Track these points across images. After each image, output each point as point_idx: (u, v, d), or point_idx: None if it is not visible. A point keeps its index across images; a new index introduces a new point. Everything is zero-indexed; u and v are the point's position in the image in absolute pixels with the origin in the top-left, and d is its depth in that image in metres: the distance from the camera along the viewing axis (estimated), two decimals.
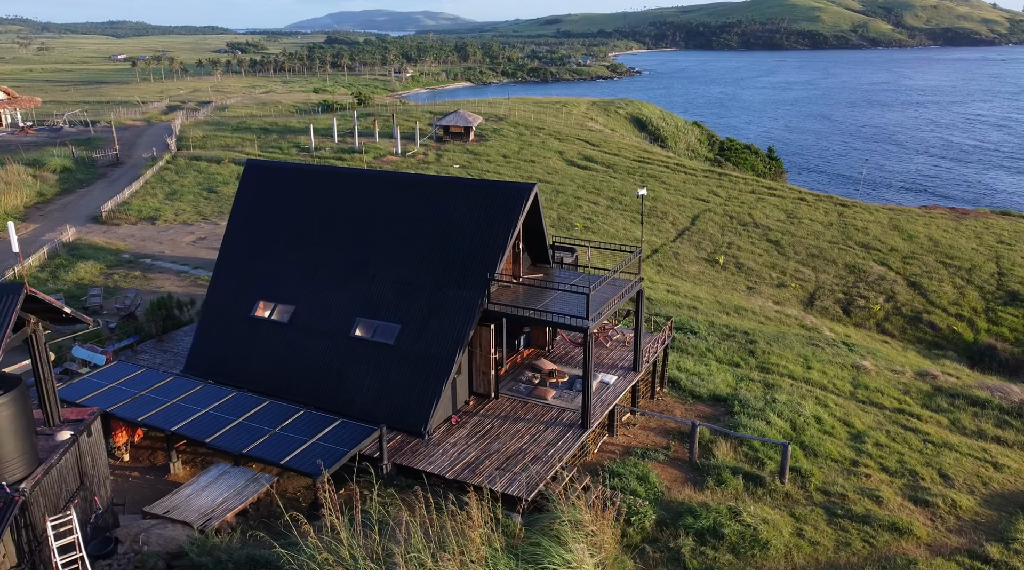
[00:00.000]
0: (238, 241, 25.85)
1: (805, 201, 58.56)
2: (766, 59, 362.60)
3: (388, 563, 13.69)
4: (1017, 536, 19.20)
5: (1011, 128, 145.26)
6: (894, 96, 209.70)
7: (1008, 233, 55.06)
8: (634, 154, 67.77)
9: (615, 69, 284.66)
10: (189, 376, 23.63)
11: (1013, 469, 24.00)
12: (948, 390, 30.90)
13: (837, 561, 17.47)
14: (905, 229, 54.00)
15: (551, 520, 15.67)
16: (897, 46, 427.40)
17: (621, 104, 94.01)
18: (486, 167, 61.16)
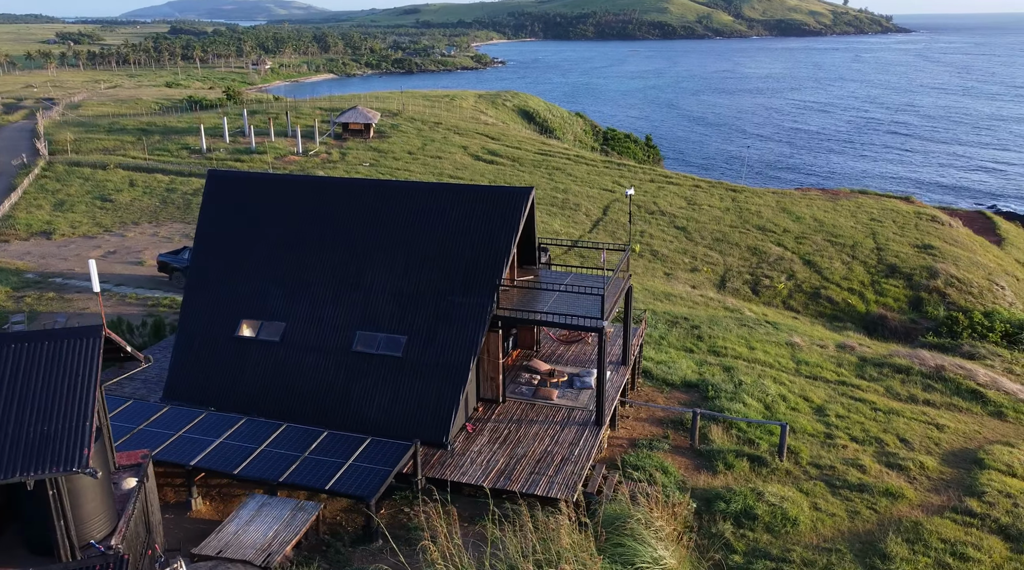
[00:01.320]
0: (210, 258, 24.45)
1: (700, 188, 61.43)
2: (620, 49, 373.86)
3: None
4: (985, 489, 21.36)
5: (833, 114, 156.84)
6: (734, 84, 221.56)
7: (876, 211, 60.00)
8: (534, 147, 68.63)
9: (479, 59, 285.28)
10: (175, 404, 22.27)
11: (952, 428, 26.57)
12: (872, 360, 33.63)
13: (856, 529, 18.88)
14: (792, 211, 57.78)
15: (623, 519, 16.06)
16: (738, 36, 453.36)
17: (508, 97, 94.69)
18: (395, 165, 60.21)
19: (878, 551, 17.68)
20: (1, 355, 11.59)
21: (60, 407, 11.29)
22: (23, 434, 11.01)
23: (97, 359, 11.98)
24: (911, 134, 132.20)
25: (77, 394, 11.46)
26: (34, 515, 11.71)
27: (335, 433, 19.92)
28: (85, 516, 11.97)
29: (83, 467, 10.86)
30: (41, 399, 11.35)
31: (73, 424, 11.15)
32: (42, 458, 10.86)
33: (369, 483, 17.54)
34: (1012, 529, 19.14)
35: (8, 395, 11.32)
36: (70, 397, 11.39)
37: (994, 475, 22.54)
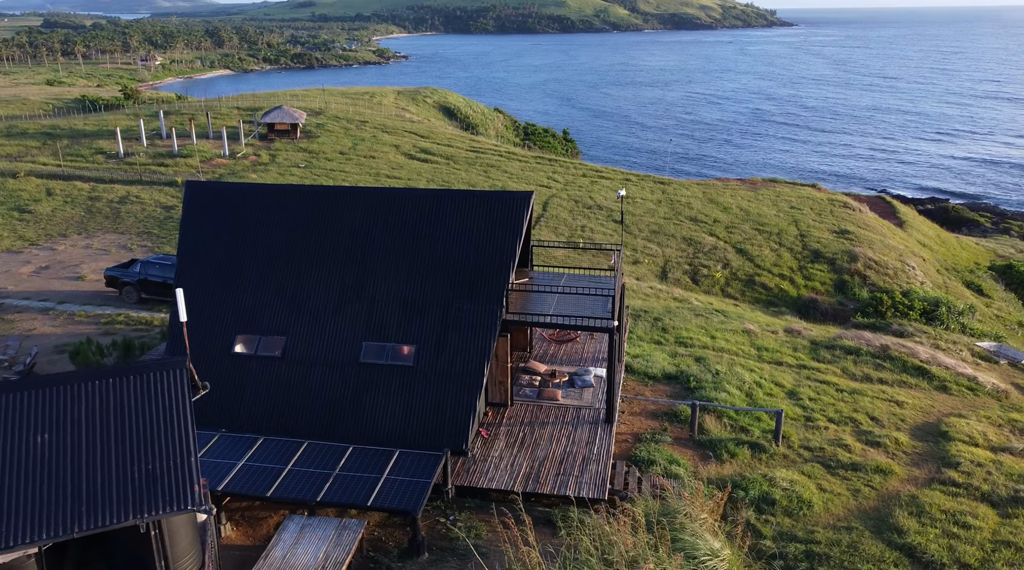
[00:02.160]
0: (197, 273, 23.50)
1: (631, 181, 62.86)
2: (522, 43, 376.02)
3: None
4: (959, 460, 23.03)
5: (726, 106, 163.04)
6: (630, 77, 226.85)
7: (794, 199, 63.01)
8: (465, 145, 68.46)
9: (382, 54, 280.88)
10: None
11: (910, 404, 28.43)
12: (822, 343, 35.47)
13: (862, 507, 20.06)
14: (719, 202, 59.96)
15: (672, 515, 16.54)
16: (634, 30, 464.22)
17: (427, 93, 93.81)
18: (328, 166, 58.89)
19: (890, 526, 18.86)
20: (91, 392, 10.93)
21: (161, 443, 10.76)
22: (128, 474, 10.45)
23: (188, 391, 11.48)
24: (799, 125, 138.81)
25: (176, 429, 10.96)
26: (130, 559, 11.14)
27: (361, 447, 19.62)
28: (179, 554, 11.47)
29: (197, 504, 10.42)
30: (139, 436, 10.79)
31: (178, 460, 10.67)
32: (153, 498, 10.35)
33: (411, 496, 17.39)
34: (994, 496, 20.75)
35: (104, 434, 10.70)
36: (169, 432, 10.89)
37: (961, 446, 24.31)
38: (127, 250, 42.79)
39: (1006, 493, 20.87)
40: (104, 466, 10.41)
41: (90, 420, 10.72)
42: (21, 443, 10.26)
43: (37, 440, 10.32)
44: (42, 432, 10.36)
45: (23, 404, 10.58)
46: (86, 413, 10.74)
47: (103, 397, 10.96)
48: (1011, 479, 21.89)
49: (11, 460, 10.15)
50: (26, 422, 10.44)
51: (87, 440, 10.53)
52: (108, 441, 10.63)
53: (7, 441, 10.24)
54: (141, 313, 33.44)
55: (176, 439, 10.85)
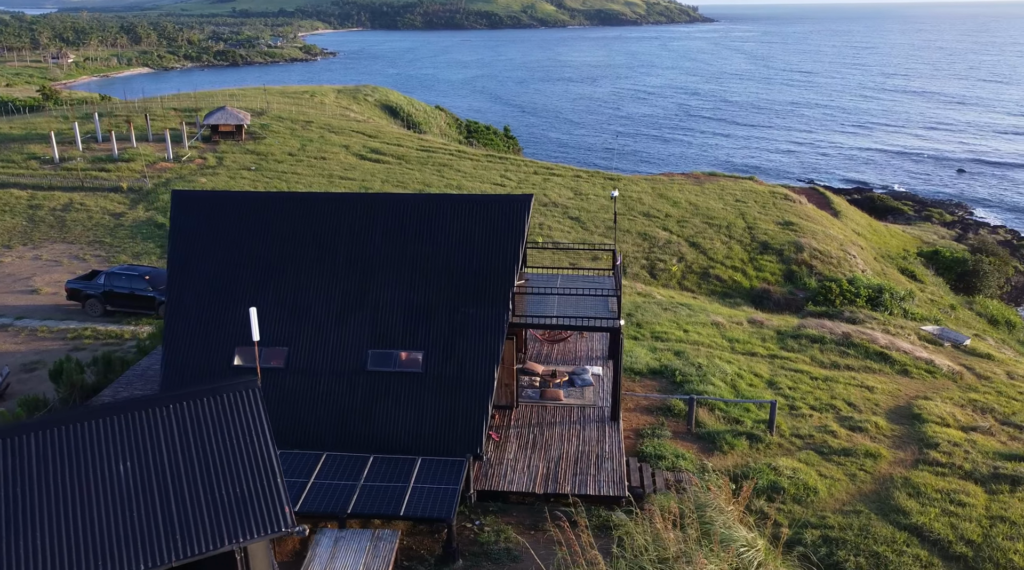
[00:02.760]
0: (188, 285, 22.81)
1: (581, 178, 63.54)
2: (451, 39, 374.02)
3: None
4: (938, 441, 24.28)
5: (653, 101, 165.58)
6: (558, 73, 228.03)
7: (738, 192, 64.81)
8: (415, 144, 67.90)
9: (309, 51, 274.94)
10: None
11: (880, 388, 29.76)
12: (787, 332, 36.73)
13: (862, 490, 20.98)
14: (669, 196, 61.21)
15: (702, 508, 16.99)
16: (561, 26, 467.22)
17: (368, 91, 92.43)
18: (279, 168, 57.60)
19: (892, 507, 19.80)
20: (167, 416, 10.59)
21: (245, 465, 10.51)
22: (217, 499, 10.17)
23: (264, 410, 11.25)
24: (725, 119, 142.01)
25: (258, 450, 10.72)
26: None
27: (382, 457, 19.45)
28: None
29: (290, 526, 10.24)
30: (222, 459, 10.51)
31: (266, 482, 10.44)
32: (245, 522, 10.11)
33: (442, 503, 17.37)
34: (976, 474, 21.98)
35: (187, 459, 10.38)
36: (251, 453, 10.64)
37: (935, 427, 25.61)
38: (80, 261, 41.03)
39: (987, 470, 22.13)
40: (192, 492, 10.11)
41: (170, 445, 10.37)
42: (105, 472, 9.87)
43: (120, 468, 9.93)
44: (124, 460, 9.99)
45: (100, 432, 10.17)
46: (165, 438, 10.39)
47: (180, 421, 10.63)
48: (988, 457, 23.22)
49: (98, 491, 9.75)
50: (106, 450, 10.04)
51: (170, 465, 10.20)
52: (192, 465, 10.32)
53: (91, 471, 9.82)
54: (109, 326, 32.18)
55: (260, 460, 10.62)
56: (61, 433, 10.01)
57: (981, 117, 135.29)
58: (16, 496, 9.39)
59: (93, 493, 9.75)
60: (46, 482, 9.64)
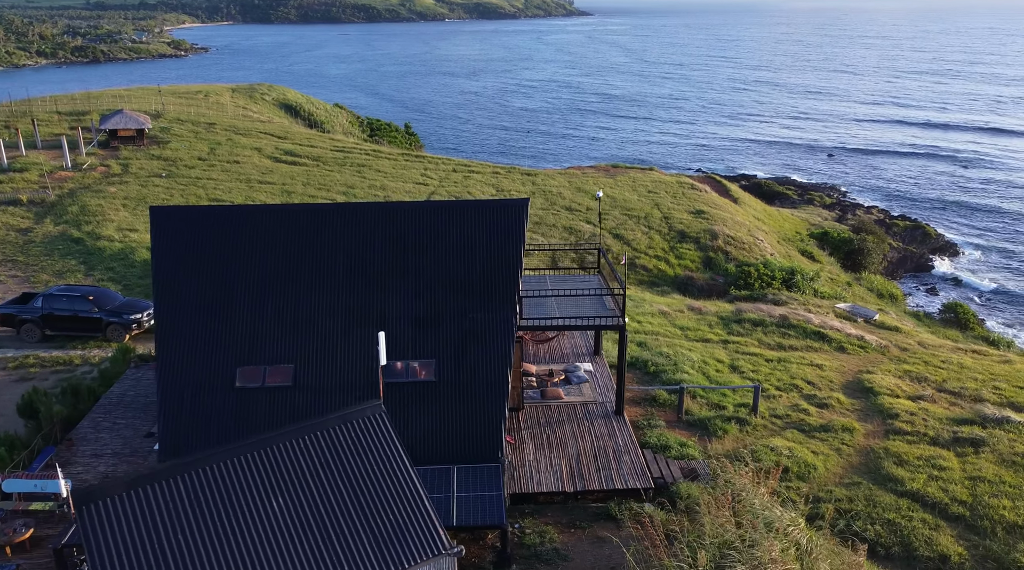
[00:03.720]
0: (178, 304, 21.63)
1: (500, 174, 63.92)
2: (327, 32, 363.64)
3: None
4: (896, 412, 26.33)
5: (534, 96, 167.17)
6: (436, 67, 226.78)
7: (649, 183, 67.07)
8: (327, 144, 66.10)
9: (178, 46, 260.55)
10: None
11: (828, 366, 31.86)
12: (729, 318, 38.58)
13: (851, 463, 22.54)
14: (586, 190, 62.57)
15: (737, 493, 17.81)
16: (440, 19, 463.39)
17: (264, 90, 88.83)
18: (192, 174, 54.76)
19: (884, 477, 21.43)
20: (306, 447, 10.21)
21: (391, 490, 10.29)
22: (374, 527, 9.92)
23: (393, 434, 11.03)
24: (609, 113, 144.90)
25: (399, 473, 10.53)
26: None
27: (416, 469, 19.18)
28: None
29: (448, 549, 10.15)
30: (368, 486, 10.25)
31: (415, 505, 10.27)
32: (406, 547, 9.92)
33: (492, 509, 17.45)
34: (941, 440, 24.04)
35: (335, 489, 10.05)
36: (393, 478, 10.44)
37: (888, 399, 27.74)
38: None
39: (948, 436, 24.26)
40: (349, 522, 9.80)
41: (315, 476, 10.01)
42: (260, 511, 9.41)
43: (274, 505, 9.50)
44: (275, 496, 9.56)
45: (246, 468, 9.67)
46: (309, 469, 10.02)
47: (319, 450, 10.27)
48: (943, 423, 25.43)
49: (256, 530, 9.28)
50: (256, 487, 9.57)
51: (321, 497, 9.85)
52: (341, 495, 10.01)
53: (246, 511, 9.33)
54: (52, 352, 29.89)
55: (403, 483, 10.42)
56: (208, 473, 9.45)
57: (839, 107, 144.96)
58: (178, 543, 8.82)
59: (252, 532, 9.30)
60: (203, 525, 9.11)
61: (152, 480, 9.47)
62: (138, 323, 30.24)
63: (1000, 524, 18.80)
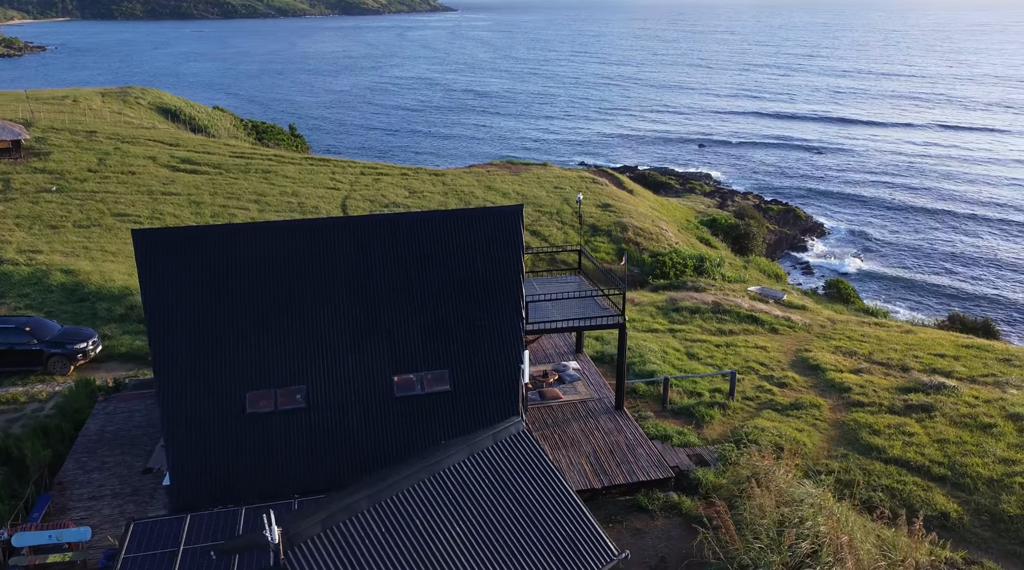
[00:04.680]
0: (175, 333, 20.37)
1: (408, 175, 63.26)
2: (179, 29, 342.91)
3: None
4: (849, 386, 28.55)
5: (404, 94, 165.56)
6: (297, 65, 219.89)
7: (553, 179, 68.43)
8: (225, 150, 62.87)
9: (11, 44, 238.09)
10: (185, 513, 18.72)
11: (770, 347, 34.03)
12: (664, 307, 40.29)
13: (832, 436, 24.33)
14: (496, 188, 63.08)
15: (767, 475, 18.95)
16: (301, 15, 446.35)
17: (138, 93, 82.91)
18: (87, 187, 50.71)
19: (866, 446, 23.31)
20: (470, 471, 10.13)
21: (551, 505, 10.41)
22: (549, 543, 10.01)
23: (540, 448, 11.12)
24: (485, 110, 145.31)
25: (554, 486, 10.67)
26: None
27: None
28: None
29: (618, 555, 10.41)
30: (530, 503, 10.32)
31: (578, 517, 10.45)
32: (582, 559, 10.09)
33: None
34: (895, 408, 26.37)
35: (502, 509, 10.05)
36: (550, 491, 10.56)
37: (835, 374, 30.03)
38: None
39: (901, 404, 26.65)
40: (525, 540, 9.80)
41: (484, 497, 9.93)
42: (444, 537, 9.24)
43: (455, 530, 9.37)
44: (452, 521, 9.43)
45: (423, 495, 9.45)
46: (477, 491, 9.94)
47: (483, 471, 10.20)
48: (891, 393, 27.87)
49: (446, 557, 9.11)
50: (437, 513, 9.37)
51: (494, 518, 9.79)
52: (512, 514, 10.00)
53: (432, 539, 9.11)
54: None
55: (563, 496, 10.54)
56: (394, 503, 9.17)
57: (701, 100, 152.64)
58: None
59: (442, 559, 9.15)
60: (399, 555, 8.87)
61: (345, 515, 9.13)
62: (83, 353, 28.04)
63: (979, 480, 21.00)
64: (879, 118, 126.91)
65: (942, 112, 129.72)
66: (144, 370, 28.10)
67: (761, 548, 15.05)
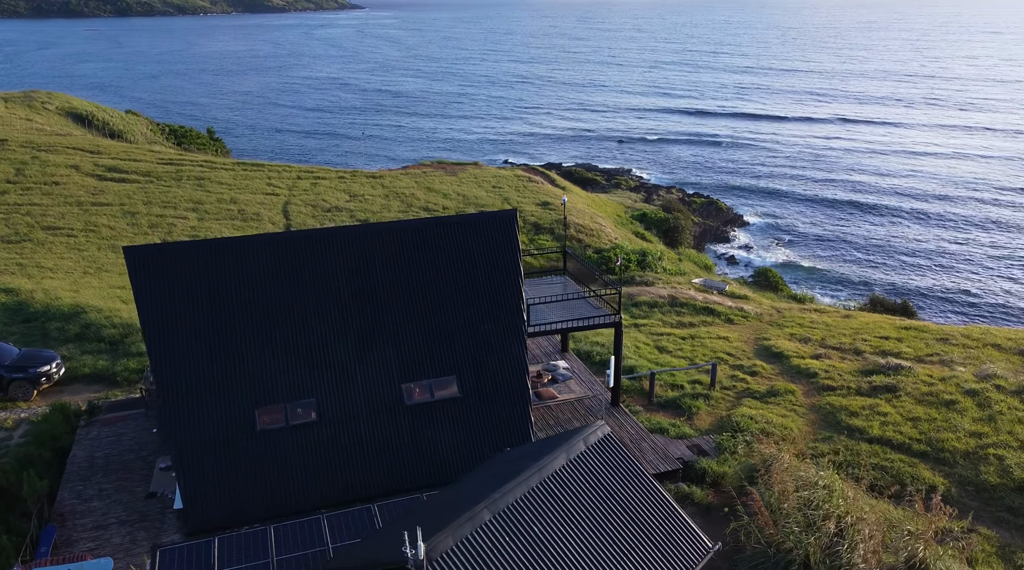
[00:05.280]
0: (176, 352, 19.63)
1: (345, 179, 62.20)
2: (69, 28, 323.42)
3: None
4: (814, 371, 29.99)
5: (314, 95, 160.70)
6: (199, 64, 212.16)
7: (491, 178, 68.65)
8: (151, 157, 60.07)
9: None
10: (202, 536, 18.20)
11: (732, 337, 35.33)
12: (623, 303, 41.12)
13: (812, 420, 25.56)
14: (437, 189, 62.80)
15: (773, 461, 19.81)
16: (202, 13, 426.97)
17: (44, 98, 77.82)
18: (8, 201, 47.46)
19: (846, 427, 24.61)
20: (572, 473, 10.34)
21: (648, 503, 10.75)
22: (651, 540, 10.32)
23: (625, 450, 11.43)
24: (401, 111, 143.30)
25: (648, 486, 11.02)
26: None
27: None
28: None
29: (711, 548, 10.83)
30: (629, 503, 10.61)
31: (672, 514, 10.81)
32: (681, 554, 10.45)
33: None
34: (863, 390, 27.91)
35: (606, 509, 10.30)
36: (645, 491, 10.90)
37: (797, 360, 31.52)
38: None
39: (867, 386, 28.23)
40: (632, 540, 10.07)
41: (588, 501, 10.14)
42: (560, 544, 9.39)
43: (569, 534, 9.51)
44: (562, 528, 9.58)
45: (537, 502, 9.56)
46: (581, 495, 10.15)
47: (582, 475, 10.40)
48: (854, 376, 29.48)
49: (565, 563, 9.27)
50: (551, 520, 9.49)
51: (599, 520, 10.03)
52: (615, 515, 10.24)
53: (551, 546, 9.23)
54: None
55: (655, 494, 10.87)
56: (514, 512, 9.24)
57: (615, 98, 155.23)
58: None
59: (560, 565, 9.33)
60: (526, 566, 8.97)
61: (471, 527, 9.16)
62: (47, 376, 26.54)
63: (956, 454, 22.56)
64: (784, 113, 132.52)
65: (840, 106, 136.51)
66: (115, 391, 26.85)
67: (800, 530, 15.80)
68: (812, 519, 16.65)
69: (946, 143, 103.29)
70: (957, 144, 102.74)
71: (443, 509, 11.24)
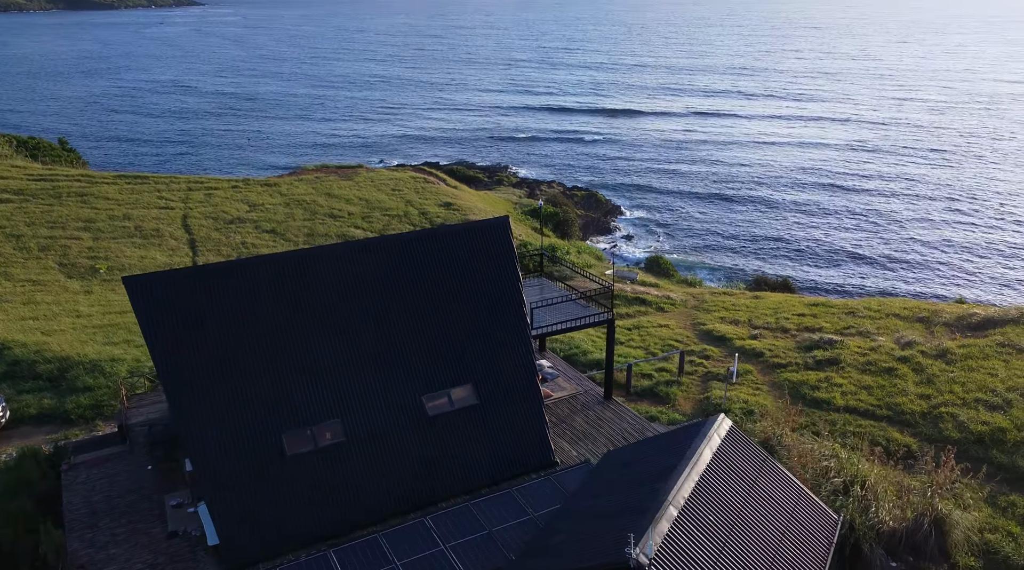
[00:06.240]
0: (185, 375, 18.52)
1: (239, 189, 59.40)
2: None
3: None
4: (760, 352, 32.23)
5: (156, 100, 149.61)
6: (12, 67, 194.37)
7: (389, 181, 67.74)
8: (19, 174, 54.45)
9: None
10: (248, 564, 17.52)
11: (672, 324, 37.09)
12: None
13: (782, 397, 27.56)
14: (338, 194, 61.25)
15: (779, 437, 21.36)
16: (17, 10, 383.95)
17: None
18: None
19: (814, 400, 26.76)
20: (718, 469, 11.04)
21: (781, 494, 11.64)
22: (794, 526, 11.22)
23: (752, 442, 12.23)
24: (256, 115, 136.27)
25: (779, 476, 11.91)
26: None
27: (518, 489, 19.38)
28: None
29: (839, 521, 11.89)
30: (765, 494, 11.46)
31: (803, 499, 11.76)
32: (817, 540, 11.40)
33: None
34: (810, 364, 30.33)
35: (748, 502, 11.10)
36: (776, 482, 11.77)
37: (740, 341, 33.75)
38: None
39: (812, 361, 30.74)
40: (781, 521, 10.87)
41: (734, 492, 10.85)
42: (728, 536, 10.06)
43: (733, 528, 10.17)
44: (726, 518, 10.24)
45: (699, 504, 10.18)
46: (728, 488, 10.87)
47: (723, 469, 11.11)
48: (796, 352, 31.98)
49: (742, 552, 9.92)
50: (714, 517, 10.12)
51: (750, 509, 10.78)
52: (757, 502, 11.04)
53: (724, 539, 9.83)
54: None
55: (783, 479, 11.76)
56: (685, 514, 9.73)
57: (477, 97, 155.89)
58: None
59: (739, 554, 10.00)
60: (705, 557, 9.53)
61: (667, 524, 9.58)
62: None
63: (915, 415, 25.16)
64: (641, 107, 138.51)
65: (690, 100, 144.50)
66: (72, 430, 24.74)
67: (838, 495, 17.30)
68: (836, 487, 18.22)
69: (787, 133, 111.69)
70: (795, 133, 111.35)
71: (607, 511, 11.56)
